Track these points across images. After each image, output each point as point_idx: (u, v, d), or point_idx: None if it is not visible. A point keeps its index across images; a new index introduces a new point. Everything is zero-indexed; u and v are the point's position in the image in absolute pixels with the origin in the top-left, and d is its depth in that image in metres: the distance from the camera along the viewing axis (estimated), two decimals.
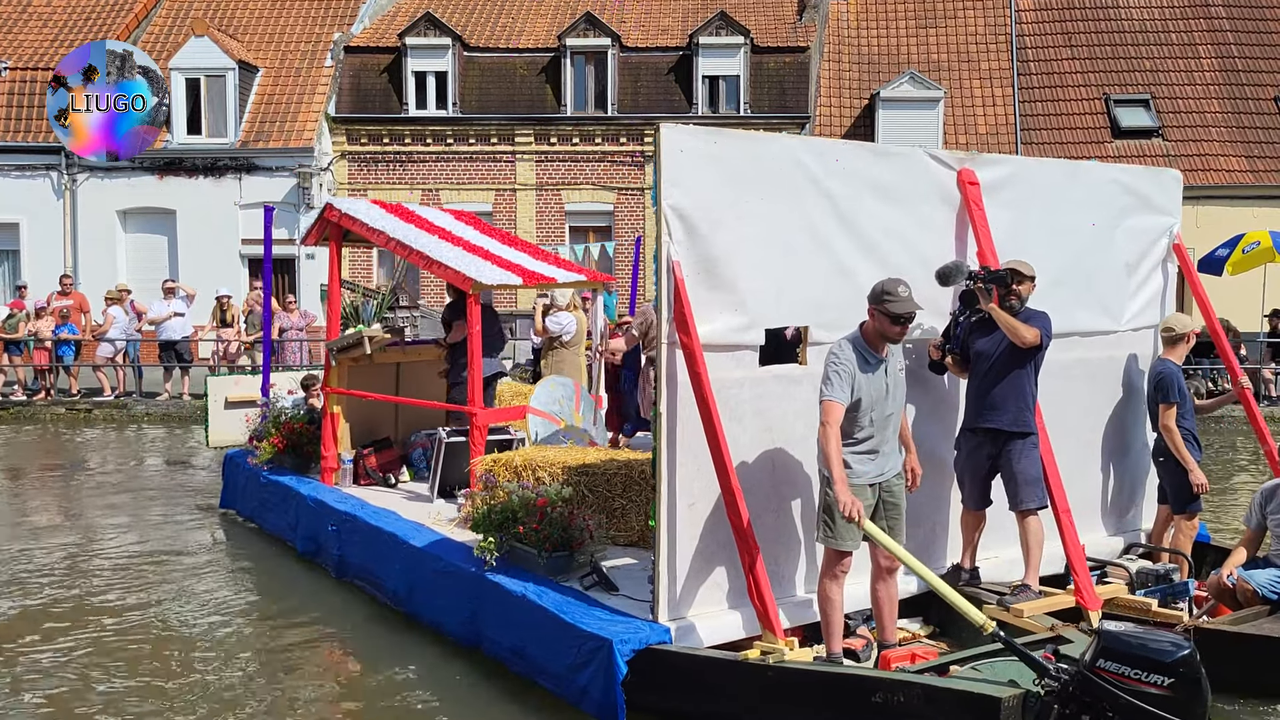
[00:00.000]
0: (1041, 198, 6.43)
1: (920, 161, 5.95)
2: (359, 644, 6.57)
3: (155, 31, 24.86)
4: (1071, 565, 5.67)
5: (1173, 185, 7.26)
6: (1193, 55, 23.65)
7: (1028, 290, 5.78)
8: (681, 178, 5.00)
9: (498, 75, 23.90)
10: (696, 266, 5.08)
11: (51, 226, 23.02)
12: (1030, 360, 5.70)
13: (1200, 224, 21.29)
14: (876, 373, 4.94)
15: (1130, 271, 6.91)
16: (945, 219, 6.02)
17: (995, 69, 23.76)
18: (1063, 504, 5.73)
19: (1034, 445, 5.73)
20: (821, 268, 5.50)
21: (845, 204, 5.56)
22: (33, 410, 16.85)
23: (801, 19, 24.51)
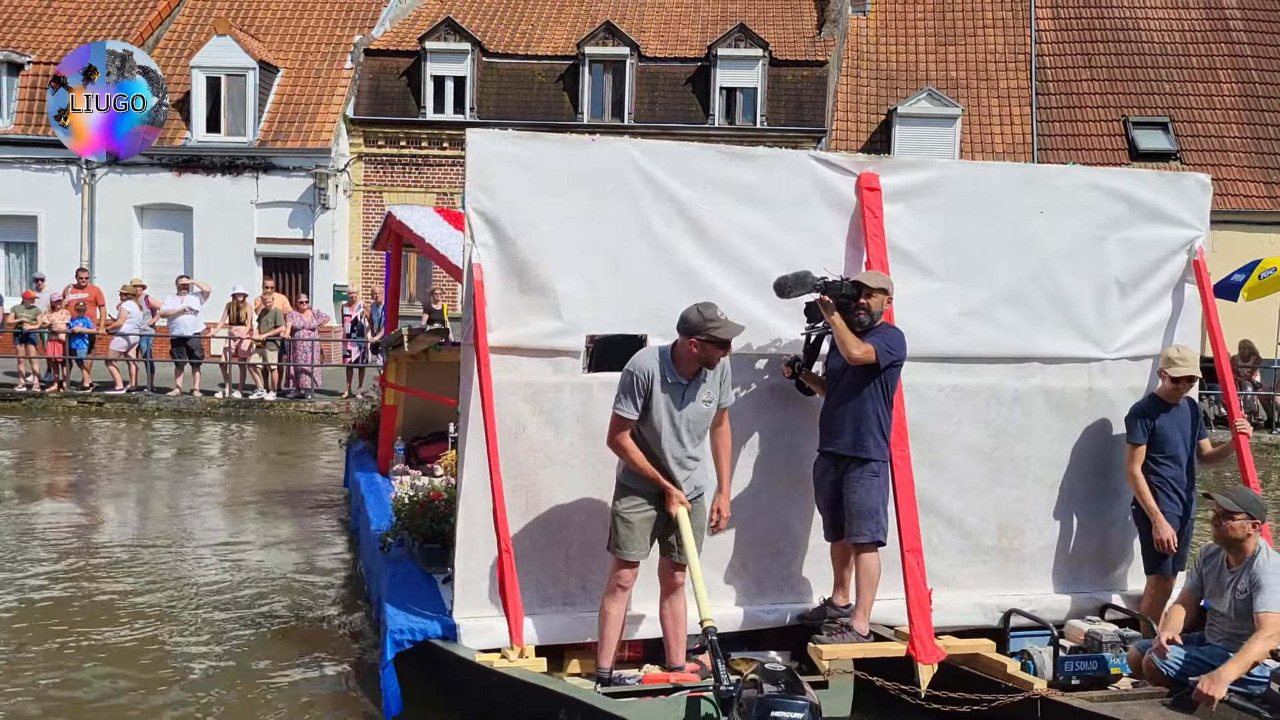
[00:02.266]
0: (986, 205, 5.77)
1: (803, 165, 5.56)
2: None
3: (178, 30, 25.04)
4: (910, 611, 5.11)
5: (1197, 192, 6.19)
6: (1213, 79, 23.58)
7: (877, 304, 5.18)
8: (488, 182, 5.08)
9: (516, 81, 23.98)
10: (507, 270, 5.11)
11: (69, 220, 23.17)
12: (874, 381, 5.14)
13: (1217, 249, 21.10)
14: (678, 394, 4.81)
15: (1126, 291, 6.01)
16: (836, 225, 5.56)
17: (1014, 88, 23.74)
18: (911, 543, 5.19)
19: (874, 474, 5.16)
20: (665, 274, 5.28)
21: (696, 209, 5.32)
22: (45, 401, 16.93)
23: (821, 33, 24.54)
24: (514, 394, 5.15)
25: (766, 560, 5.57)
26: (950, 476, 5.78)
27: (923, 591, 5.14)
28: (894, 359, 5.19)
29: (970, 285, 5.73)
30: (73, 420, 16.18)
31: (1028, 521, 5.93)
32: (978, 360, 5.77)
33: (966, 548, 5.82)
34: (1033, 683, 4.94)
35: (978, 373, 5.78)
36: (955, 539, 5.80)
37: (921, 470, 5.57)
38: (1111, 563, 6.17)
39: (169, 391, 17.33)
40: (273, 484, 11.59)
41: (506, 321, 5.14)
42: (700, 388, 4.86)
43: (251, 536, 9.26)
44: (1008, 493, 5.88)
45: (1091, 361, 6.01)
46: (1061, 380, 5.97)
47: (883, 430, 5.19)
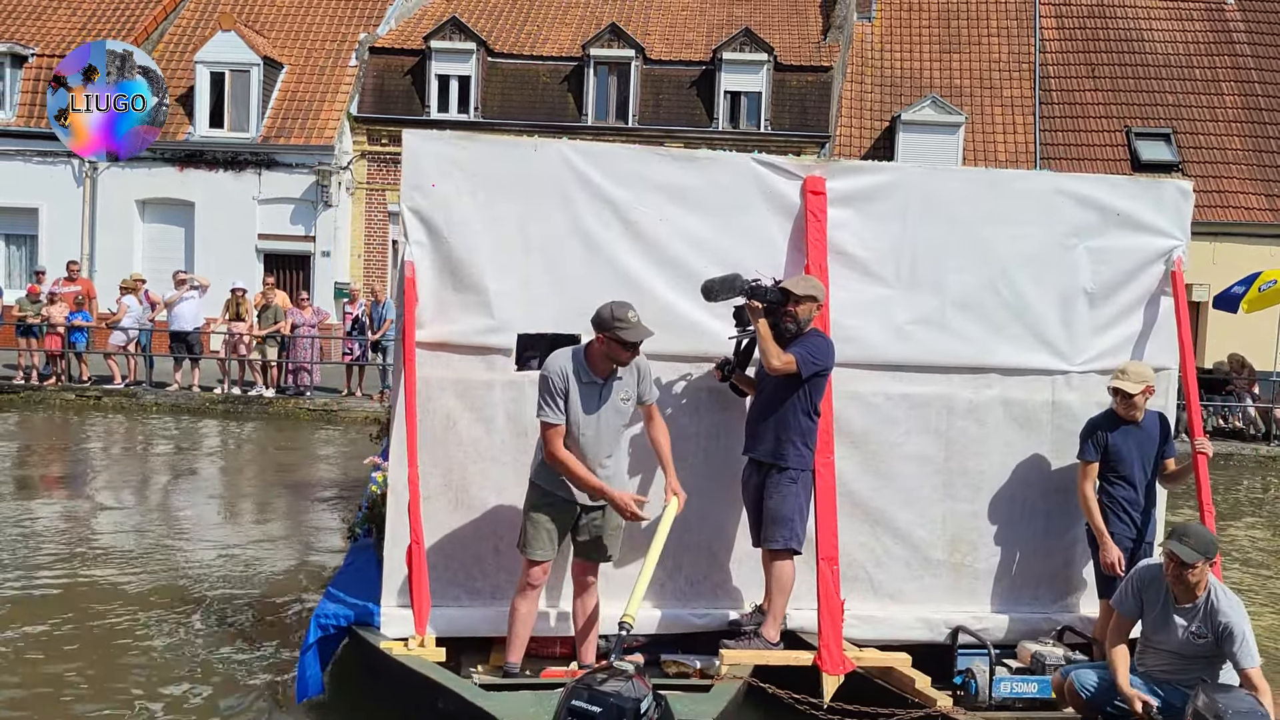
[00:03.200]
0: (942, 210, 5.63)
1: (745, 169, 5.51)
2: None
3: (182, 24, 25.04)
4: (820, 622, 5.04)
5: (1177, 200, 5.90)
6: (1215, 92, 23.62)
7: (805, 311, 5.09)
8: (424, 181, 5.21)
9: (521, 82, 23.99)
10: (441, 268, 5.23)
11: (70, 213, 23.15)
12: (798, 390, 5.07)
13: (1217, 260, 21.22)
14: (593, 393, 4.83)
15: (1095, 301, 5.77)
16: (780, 229, 5.51)
17: (1017, 97, 23.76)
18: (827, 552, 5.12)
19: (791, 481, 5.10)
20: (599, 275, 5.31)
21: (631, 211, 5.35)
22: (43, 395, 16.91)
23: (826, 39, 24.56)
24: (445, 390, 5.25)
25: (702, 563, 5.51)
26: (898, 487, 5.65)
27: (834, 601, 5.07)
28: (818, 369, 5.08)
29: (923, 292, 5.60)
30: (70, 415, 16.17)
31: (982, 537, 5.74)
32: (929, 369, 5.63)
33: (915, 561, 5.67)
34: (936, 699, 4.90)
35: (929, 382, 5.64)
36: (903, 551, 5.66)
37: (867, 479, 5.57)
38: (1073, 585, 5.93)
39: (167, 386, 17.32)
40: (268, 480, 11.58)
41: (440, 318, 5.25)
42: (616, 386, 4.86)
43: (236, 531, 9.26)
44: (960, 506, 5.70)
45: (1056, 374, 5.78)
46: (1022, 392, 5.75)
47: (804, 438, 5.13)
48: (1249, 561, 9.98)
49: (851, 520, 5.52)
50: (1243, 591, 8.79)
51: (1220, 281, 19.06)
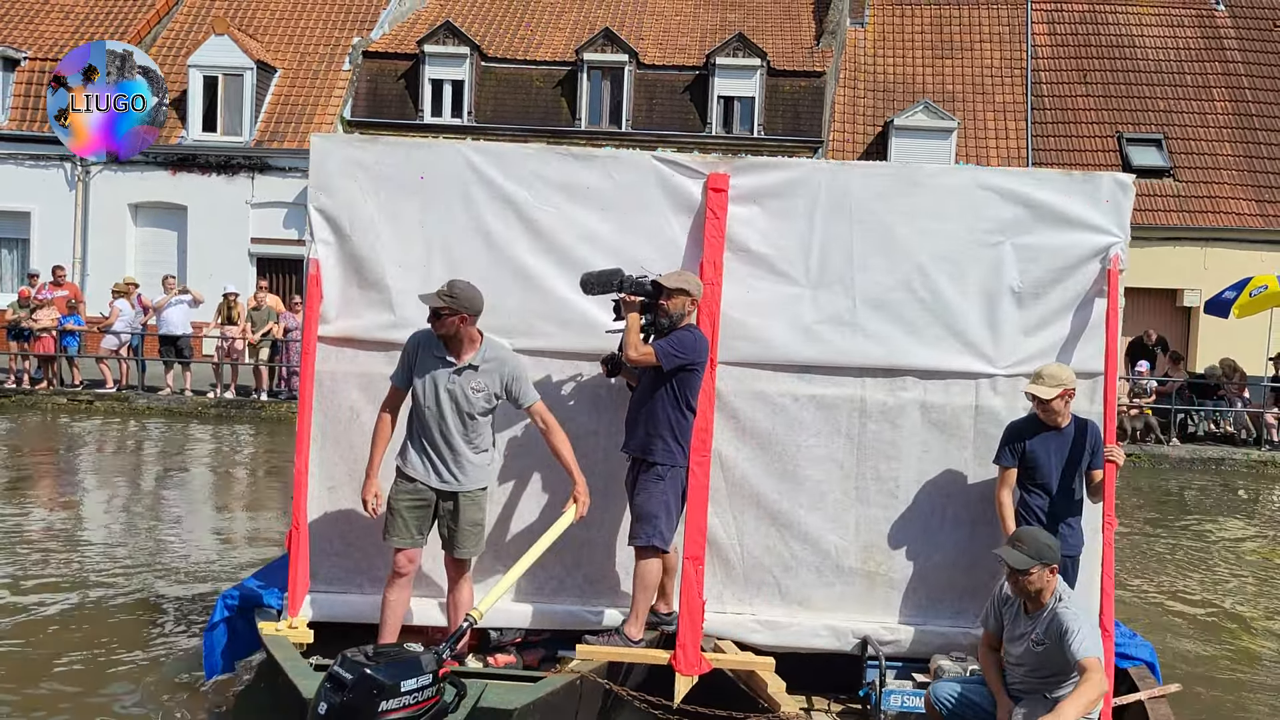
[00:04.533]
0: (855, 206, 5.46)
1: (646, 167, 5.47)
2: None
3: (176, 28, 25.02)
4: (679, 620, 4.97)
5: (1115, 195, 5.53)
6: (1206, 98, 23.73)
7: (677, 306, 5.04)
8: (329, 183, 5.40)
9: (514, 86, 24.01)
10: (345, 266, 5.42)
11: (63, 217, 23.11)
12: (666, 384, 5.02)
13: (1209, 265, 21.32)
14: (438, 371, 4.88)
15: (1024, 301, 5.47)
16: (682, 227, 5.47)
17: (1009, 102, 23.84)
18: (693, 551, 5.02)
19: (658, 478, 5.04)
20: (499, 273, 5.40)
21: (530, 209, 5.42)
22: (34, 399, 16.87)
23: (819, 44, 24.63)
24: (350, 383, 5.38)
25: (600, 561, 5.48)
26: (807, 491, 5.50)
27: (695, 601, 4.97)
28: (681, 362, 5.00)
29: (832, 291, 5.45)
30: (61, 419, 16.12)
31: (897, 546, 5.53)
32: (840, 370, 5.48)
33: (825, 567, 5.51)
34: (782, 704, 4.87)
35: (840, 383, 5.48)
36: (812, 557, 5.51)
37: (773, 482, 5.47)
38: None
39: (160, 391, 17.28)
40: (256, 481, 11.56)
41: (344, 314, 5.43)
42: (469, 375, 4.88)
43: (211, 529, 9.24)
44: (874, 513, 5.51)
45: (980, 377, 5.49)
46: (942, 396, 5.50)
47: (675, 435, 5.05)
48: (1244, 564, 10.01)
49: (759, 524, 5.47)
50: (1240, 592, 8.83)
51: (1211, 286, 19.14)
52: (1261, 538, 11.34)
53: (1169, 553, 10.29)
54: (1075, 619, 4.30)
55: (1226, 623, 8.06)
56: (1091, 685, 4.14)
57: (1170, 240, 21.84)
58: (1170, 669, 6.84)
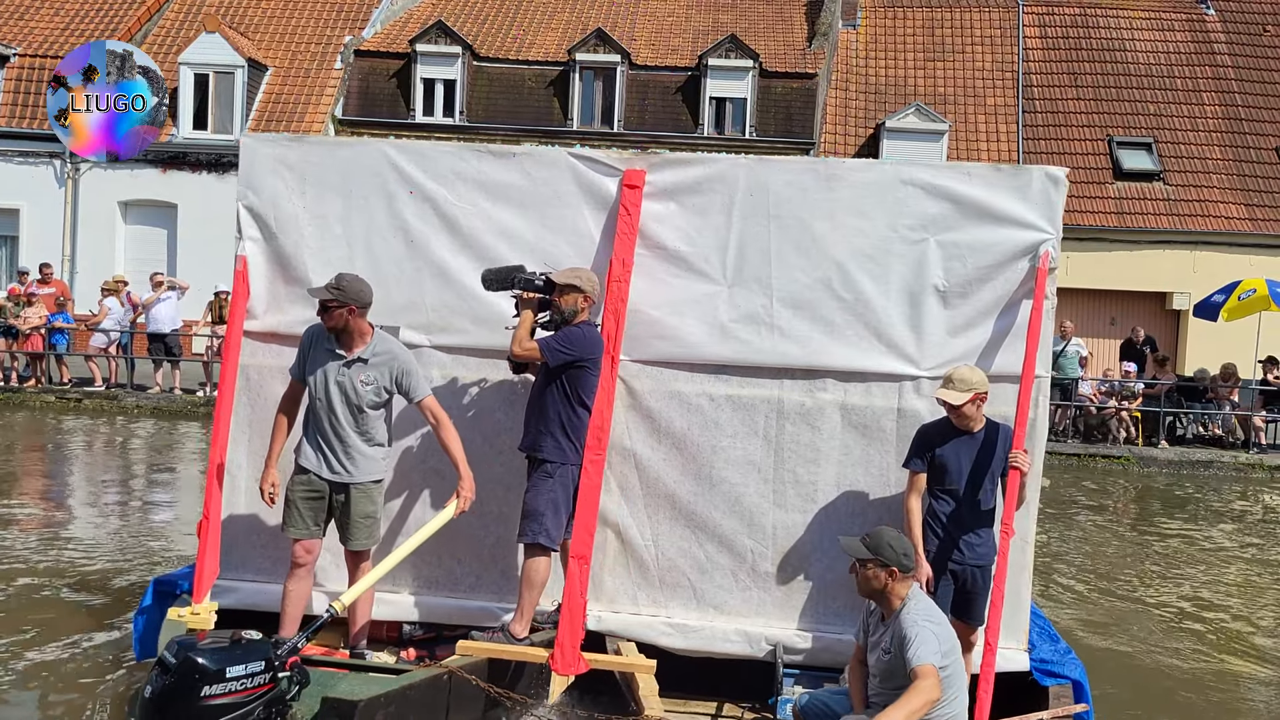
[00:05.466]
0: (773, 202, 5.34)
1: (562, 164, 5.44)
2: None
3: (166, 25, 24.93)
4: (560, 619, 4.87)
5: (1046, 188, 5.28)
6: (1196, 102, 23.83)
7: (570, 303, 5.03)
8: (256, 181, 5.53)
9: (506, 86, 23.99)
10: (271, 262, 5.53)
11: (52, 214, 23.01)
12: (555, 381, 5.01)
13: (1198, 269, 21.42)
14: (329, 364, 4.97)
15: (949, 300, 5.28)
16: (598, 223, 5.42)
17: (1000, 105, 23.91)
18: (580, 550, 4.92)
19: (547, 475, 5.00)
20: (417, 269, 5.45)
21: (448, 206, 5.45)
22: (22, 396, 16.79)
23: (811, 46, 24.66)
24: (276, 377, 5.42)
25: (514, 558, 5.42)
26: (723, 493, 5.38)
27: (577, 601, 4.88)
28: (568, 358, 4.97)
29: (749, 289, 5.34)
30: (49, 417, 16.05)
31: (816, 551, 5.35)
32: (756, 370, 5.35)
33: (741, 571, 5.39)
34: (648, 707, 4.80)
35: (756, 384, 5.36)
36: (727, 561, 5.38)
37: (689, 484, 5.40)
38: None
39: (149, 389, 17.22)
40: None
41: (271, 310, 5.53)
42: (359, 368, 4.95)
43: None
44: (792, 517, 5.36)
45: (903, 379, 5.30)
46: (863, 398, 5.34)
47: (565, 432, 5.01)
48: (1224, 568, 10.06)
49: (674, 526, 5.41)
50: (1239, 594, 8.86)
51: (1201, 290, 19.22)
52: (1248, 544, 11.39)
53: (1150, 554, 10.33)
54: (914, 626, 4.13)
55: (1197, 625, 8.09)
56: (916, 693, 3.94)
57: (1160, 244, 21.93)
58: (1132, 671, 6.87)
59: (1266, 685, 6.80)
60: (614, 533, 5.46)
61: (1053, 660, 5.20)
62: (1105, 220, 22.11)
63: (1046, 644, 5.36)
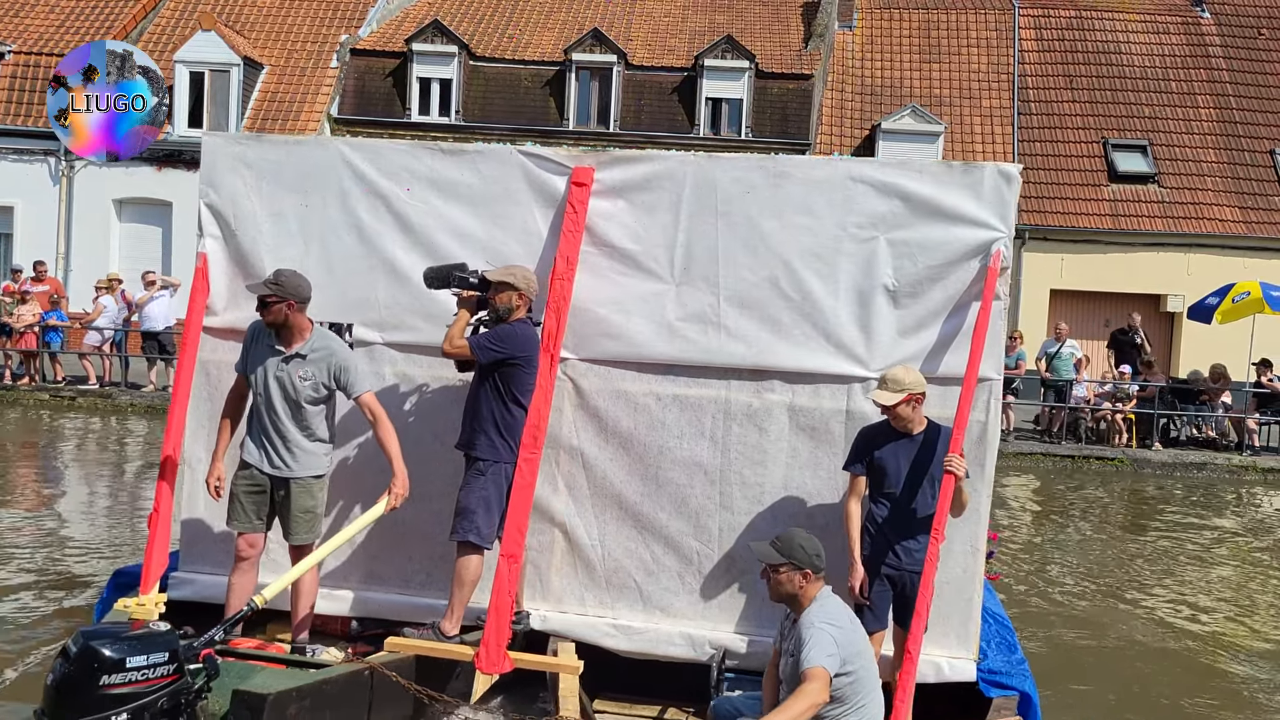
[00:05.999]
0: (722, 200, 5.26)
1: (511, 161, 5.41)
2: None
3: (162, 23, 24.88)
4: (487, 617, 4.81)
5: (999, 185, 5.09)
6: (1191, 105, 23.89)
7: (504, 300, 5.02)
8: (216, 179, 5.63)
9: (502, 85, 23.98)
10: (231, 259, 5.62)
11: (47, 211, 22.96)
12: (488, 378, 5.01)
13: (1192, 271, 21.46)
14: (269, 359, 5.05)
15: (899, 300, 5.15)
16: (545, 220, 5.39)
17: (996, 107, 23.95)
18: (511, 549, 4.86)
19: (479, 473, 5.01)
20: (370, 266, 5.48)
21: (400, 204, 5.47)
22: (15, 395, 16.75)
23: (807, 47, 24.68)
24: (234, 373, 5.42)
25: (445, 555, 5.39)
26: (670, 494, 5.32)
27: (505, 600, 4.82)
28: (499, 356, 4.96)
29: (697, 288, 5.26)
30: (42, 415, 16.01)
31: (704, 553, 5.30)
32: (704, 369, 5.27)
33: (688, 574, 5.32)
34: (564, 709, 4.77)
35: (704, 384, 5.29)
36: (674, 563, 5.30)
37: (636, 484, 5.35)
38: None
39: (143, 387, 17.19)
40: None
41: (231, 306, 5.61)
42: (297, 363, 5.02)
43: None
44: (738, 519, 5.27)
45: (852, 380, 5.18)
46: (811, 399, 5.23)
47: (499, 429, 5.00)
48: (1233, 568, 10.08)
49: (621, 526, 5.37)
50: (1231, 596, 8.88)
51: (1195, 292, 19.25)
52: (1241, 547, 11.41)
53: (1142, 556, 10.35)
54: (811, 628, 4.00)
55: (1189, 627, 8.11)
56: (799, 696, 3.78)
57: (1154, 246, 21.97)
58: (1119, 673, 6.89)
59: (1256, 687, 6.82)
60: (561, 533, 5.44)
61: (1003, 671, 5.04)
62: (1100, 222, 22.16)
63: (1001, 654, 5.22)
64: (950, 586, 5.06)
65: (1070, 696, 6.38)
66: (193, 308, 5.49)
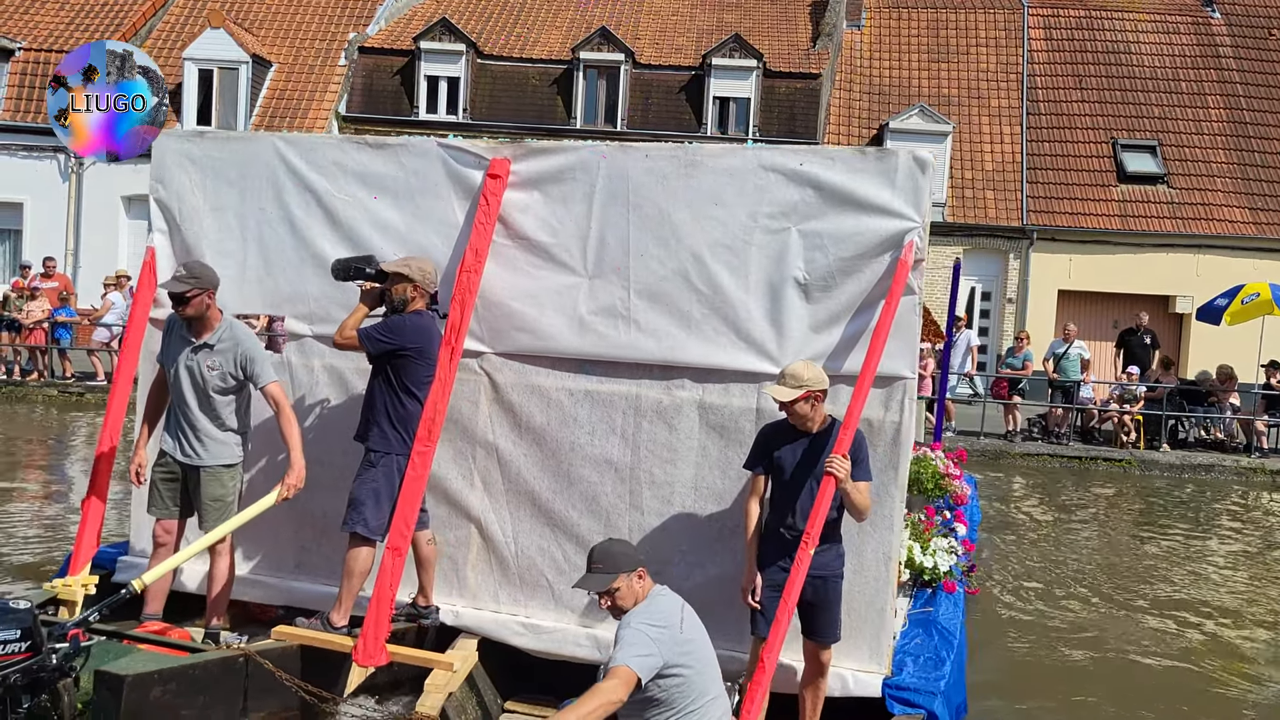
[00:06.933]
0: (633, 191, 5.09)
1: (431, 154, 5.37)
2: None
3: (171, 21, 24.94)
4: (368, 610, 4.75)
5: (912, 172, 4.81)
6: (1201, 105, 23.79)
7: (399, 292, 5.01)
8: (164, 175, 5.80)
9: (510, 84, 23.98)
10: (177, 253, 5.75)
11: (56, 208, 23.03)
12: (381, 370, 5.00)
13: (1201, 272, 21.38)
14: (181, 351, 5.15)
15: (811, 294, 4.92)
16: (465, 212, 5.33)
17: (1005, 107, 23.88)
18: (396, 541, 4.79)
19: (370, 464, 4.99)
20: (303, 260, 5.55)
21: (329, 198, 5.51)
22: (25, 390, 16.81)
23: (815, 46, 24.64)
24: None
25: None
26: (581, 492, 5.24)
27: (386, 593, 4.76)
28: (387, 347, 4.95)
29: (608, 281, 5.14)
30: (51, 411, 16.06)
31: (672, 556, 5.11)
32: (614, 365, 5.16)
33: None
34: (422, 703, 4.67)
35: (615, 379, 5.17)
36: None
37: (548, 481, 5.29)
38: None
39: None
40: None
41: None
42: (206, 353, 5.10)
43: None
44: (648, 519, 5.15)
45: (763, 378, 4.97)
46: (721, 396, 5.06)
47: (391, 421, 4.98)
48: (1240, 571, 10.03)
49: (534, 524, 5.31)
50: (1237, 599, 8.84)
51: (1204, 293, 19.18)
52: (1248, 549, 11.36)
53: (1148, 558, 10.31)
54: (625, 628, 3.76)
55: (1193, 631, 8.07)
56: (592, 694, 3.52)
57: (1163, 247, 21.89)
58: (1122, 677, 6.83)
59: (1262, 691, 6.79)
60: (477, 529, 5.42)
61: (913, 688, 4.75)
62: (1109, 223, 22.08)
63: (924, 670, 4.92)
64: (861, 597, 4.86)
65: (1071, 706, 6.34)
66: (139, 300, 5.62)
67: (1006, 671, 6.84)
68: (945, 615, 5.63)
